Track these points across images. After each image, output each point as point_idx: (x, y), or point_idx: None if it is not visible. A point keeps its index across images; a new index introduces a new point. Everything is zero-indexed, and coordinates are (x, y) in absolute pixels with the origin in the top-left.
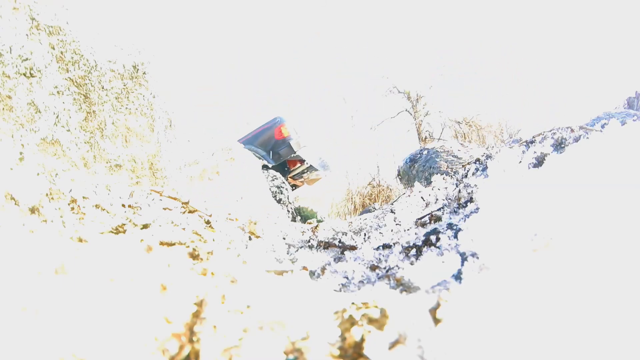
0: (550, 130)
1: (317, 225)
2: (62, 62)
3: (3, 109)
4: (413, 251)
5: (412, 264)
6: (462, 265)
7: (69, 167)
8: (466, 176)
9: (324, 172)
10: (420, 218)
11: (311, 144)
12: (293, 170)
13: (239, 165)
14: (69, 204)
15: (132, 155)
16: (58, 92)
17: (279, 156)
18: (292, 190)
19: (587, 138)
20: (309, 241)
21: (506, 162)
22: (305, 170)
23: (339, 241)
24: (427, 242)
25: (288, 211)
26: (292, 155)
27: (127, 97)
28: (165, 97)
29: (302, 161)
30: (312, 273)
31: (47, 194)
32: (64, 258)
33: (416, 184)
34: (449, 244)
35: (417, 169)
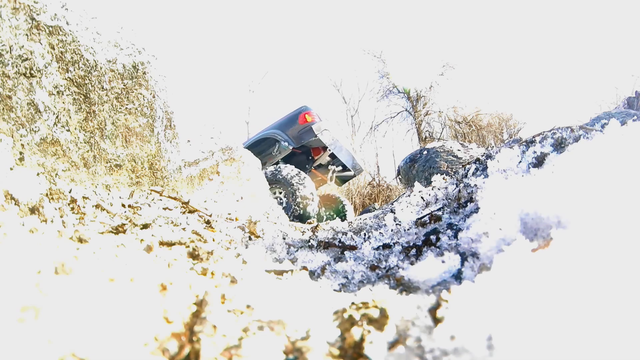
0: (550, 130)
1: (317, 225)
2: (62, 62)
3: (3, 109)
4: (413, 251)
5: (412, 263)
6: (462, 265)
7: (69, 167)
8: (466, 176)
9: (355, 171)
10: (420, 218)
11: (338, 136)
12: (317, 160)
13: (238, 165)
14: (69, 204)
15: (132, 155)
16: (58, 92)
17: (300, 139)
18: (320, 186)
19: (587, 138)
20: (309, 241)
21: (506, 162)
22: (331, 162)
23: (339, 241)
24: (427, 242)
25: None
26: (313, 139)
27: (127, 97)
28: (165, 97)
29: (324, 148)
30: (312, 273)
31: (47, 194)
32: (64, 258)
33: (416, 184)
34: (449, 244)
35: (417, 169)
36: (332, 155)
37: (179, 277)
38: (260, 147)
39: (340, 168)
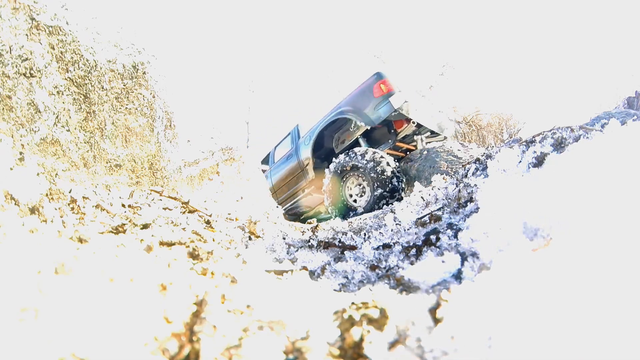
0: (550, 130)
1: (317, 225)
2: (62, 62)
3: (3, 109)
4: (413, 251)
5: (412, 263)
6: (462, 265)
7: (69, 167)
8: (466, 176)
9: (445, 134)
10: (420, 218)
11: (419, 101)
12: (401, 132)
13: (238, 165)
14: (69, 204)
15: (132, 155)
16: (58, 92)
17: (378, 116)
18: (406, 155)
19: (587, 138)
20: (309, 241)
21: (506, 162)
22: (417, 132)
23: (339, 241)
24: (427, 242)
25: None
26: (393, 114)
27: (127, 97)
28: (165, 97)
29: (408, 120)
30: (312, 273)
31: (47, 194)
32: (64, 258)
33: (416, 184)
34: (449, 244)
35: (417, 169)
36: (418, 125)
37: (179, 277)
38: (335, 125)
39: (427, 133)
